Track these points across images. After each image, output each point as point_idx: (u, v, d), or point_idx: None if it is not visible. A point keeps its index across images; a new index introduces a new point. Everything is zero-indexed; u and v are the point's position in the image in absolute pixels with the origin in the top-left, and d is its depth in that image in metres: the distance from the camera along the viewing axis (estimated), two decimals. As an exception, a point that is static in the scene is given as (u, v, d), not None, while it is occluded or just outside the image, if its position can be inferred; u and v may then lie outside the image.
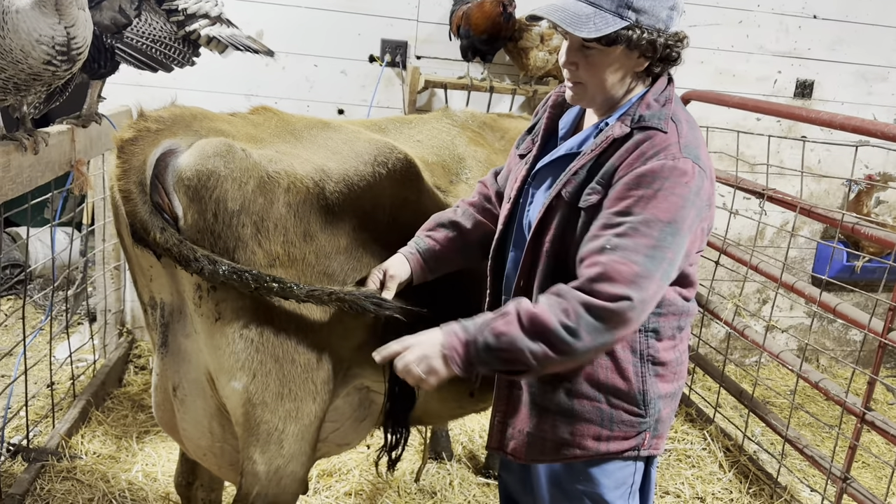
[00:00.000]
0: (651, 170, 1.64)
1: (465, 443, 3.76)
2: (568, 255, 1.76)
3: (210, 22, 2.80)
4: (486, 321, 1.70)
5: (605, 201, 1.68)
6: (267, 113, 2.14)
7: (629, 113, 1.74)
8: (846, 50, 4.88)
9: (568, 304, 1.63)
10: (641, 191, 1.64)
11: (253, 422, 1.90)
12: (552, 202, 1.76)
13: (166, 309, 1.92)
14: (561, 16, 1.66)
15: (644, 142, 1.69)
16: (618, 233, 1.63)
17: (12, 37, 2.19)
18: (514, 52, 4.19)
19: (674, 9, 1.70)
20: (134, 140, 1.74)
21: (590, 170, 1.73)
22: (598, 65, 1.71)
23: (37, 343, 4.16)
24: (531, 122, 2.06)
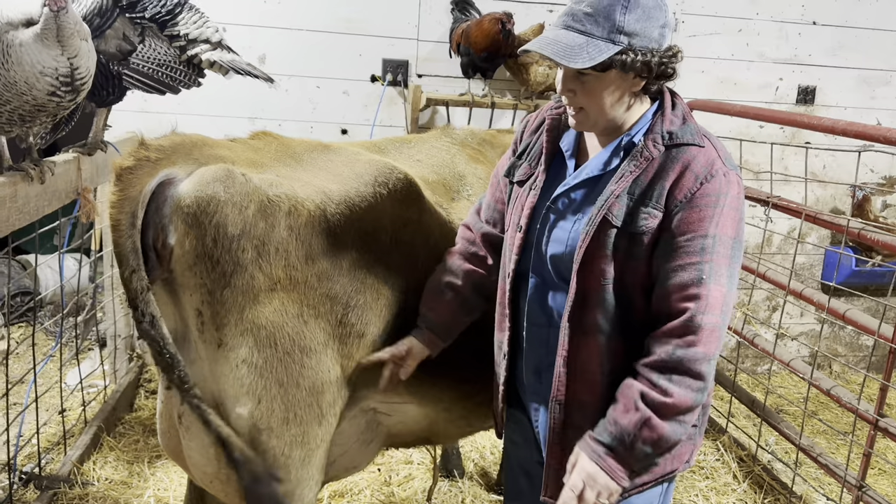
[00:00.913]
0: (712, 188, 1.68)
1: (477, 460, 3.75)
2: (625, 281, 1.74)
3: (211, 47, 2.86)
4: (626, 432, 1.66)
5: (671, 225, 1.69)
6: (267, 137, 2.16)
7: (654, 131, 1.75)
8: (847, 55, 4.88)
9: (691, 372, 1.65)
10: (710, 210, 1.67)
11: (259, 448, 1.90)
12: (598, 229, 1.73)
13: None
14: (554, 49, 1.68)
15: (691, 161, 1.70)
16: (703, 260, 1.66)
17: (16, 69, 2.23)
18: (514, 67, 4.21)
19: (665, 26, 1.71)
20: (133, 169, 1.75)
21: (630, 192, 1.73)
22: (596, 90, 1.73)
23: (48, 370, 4.19)
24: (518, 146, 2.04)
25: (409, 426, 2.34)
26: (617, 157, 1.79)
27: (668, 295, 1.68)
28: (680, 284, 1.66)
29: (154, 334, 1.78)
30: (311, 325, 1.91)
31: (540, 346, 1.93)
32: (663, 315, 1.70)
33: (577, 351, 1.80)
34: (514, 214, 1.96)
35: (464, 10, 4.26)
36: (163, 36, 2.79)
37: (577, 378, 1.82)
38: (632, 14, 1.66)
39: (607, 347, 1.78)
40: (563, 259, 1.81)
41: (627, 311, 1.76)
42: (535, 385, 1.97)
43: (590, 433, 1.72)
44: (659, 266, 1.70)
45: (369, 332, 2.03)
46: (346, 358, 1.99)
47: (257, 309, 1.83)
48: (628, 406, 1.67)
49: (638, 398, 1.66)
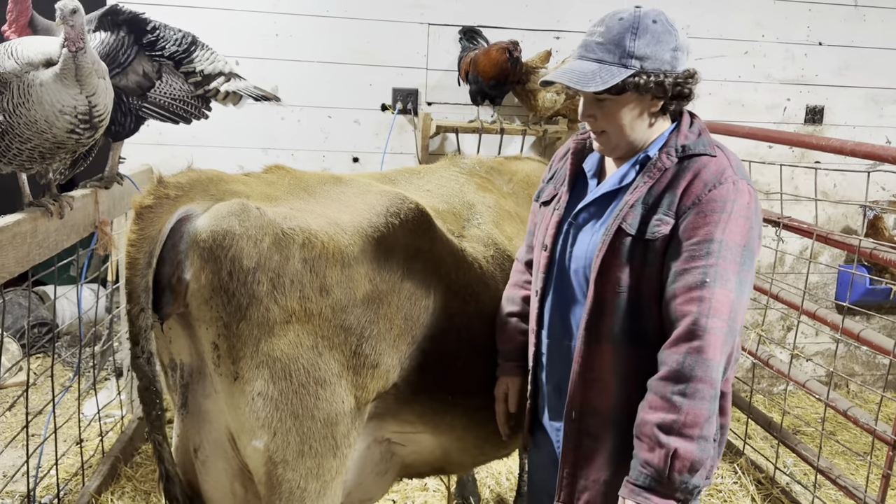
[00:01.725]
0: (720, 194, 1.73)
1: (493, 486, 3.74)
2: (641, 289, 1.79)
3: (225, 79, 2.98)
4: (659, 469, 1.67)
5: (679, 231, 1.75)
6: (280, 171, 2.20)
7: (669, 145, 1.83)
8: (854, 74, 4.89)
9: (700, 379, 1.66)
10: (717, 215, 1.72)
11: (275, 481, 1.91)
12: (614, 237, 1.79)
13: (186, 370, 1.95)
14: (569, 76, 1.79)
15: (701, 169, 1.78)
16: (708, 263, 1.69)
17: (37, 108, 2.29)
18: (522, 94, 4.26)
19: (677, 49, 1.79)
20: (152, 208, 1.79)
21: (644, 202, 1.80)
22: (614, 112, 1.82)
23: (66, 401, 4.23)
24: (548, 173, 2.16)
25: (423, 456, 2.35)
26: (633, 172, 1.87)
27: (674, 298, 1.72)
28: (684, 287, 1.70)
29: (148, 371, 1.86)
30: (326, 356, 1.93)
31: (559, 360, 1.98)
32: (669, 319, 1.74)
33: (592, 359, 1.85)
34: (539, 234, 2.06)
35: (471, 40, 4.33)
36: (178, 73, 2.89)
37: (592, 386, 1.86)
38: (641, 39, 1.76)
39: (621, 356, 1.82)
40: (584, 270, 1.89)
41: (643, 320, 1.80)
42: (555, 401, 2.02)
43: (628, 479, 1.74)
44: (667, 271, 1.75)
45: (383, 363, 2.04)
46: (359, 389, 2.00)
47: (273, 341, 1.85)
48: (651, 444, 1.69)
49: (657, 433, 1.68)
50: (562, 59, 4.35)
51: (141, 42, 2.79)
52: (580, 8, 4.51)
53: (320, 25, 4.29)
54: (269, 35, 4.26)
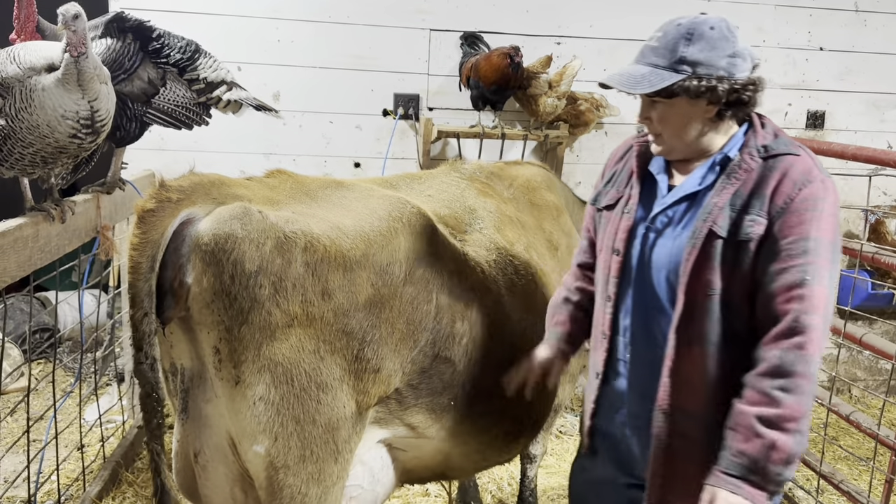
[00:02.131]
0: (811, 193, 1.75)
1: (495, 491, 3.73)
2: (732, 291, 1.80)
3: (227, 87, 3.00)
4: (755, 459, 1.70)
5: (774, 230, 1.75)
6: (282, 175, 2.20)
7: (749, 146, 1.84)
8: (855, 79, 4.90)
9: (801, 375, 1.69)
10: (810, 213, 1.73)
11: (276, 486, 1.90)
12: (705, 240, 1.79)
13: (186, 374, 1.95)
14: (619, 80, 1.84)
15: (788, 168, 1.78)
16: (806, 261, 1.71)
17: (39, 113, 2.29)
18: (523, 99, 4.27)
19: (735, 56, 1.80)
20: (155, 211, 1.80)
21: (731, 203, 1.80)
22: (667, 116, 1.85)
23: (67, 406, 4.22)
24: (605, 176, 2.17)
25: (424, 461, 2.35)
26: (713, 173, 1.88)
27: (773, 297, 1.73)
28: (784, 286, 1.72)
29: (150, 377, 1.86)
30: (328, 360, 1.93)
31: (643, 366, 1.97)
32: (768, 318, 1.75)
33: (683, 362, 1.85)
34: (607, 239, 2.04)
35: (473, 45, 4.33)
36: (182, 80, 2.91)
37: (682, 388, 1.86)
38: (695, 45, 1.78)
39: (713, 358, 1.83)
40: (668, 275, 1.88)
41: (733, 321, 1.81)
42: (637, 406, 2.00)
43: (718, 468, 1.74)
44: (763, 271, 1.76)
45: (385, 368, 2.04)
46: (361, 393, 2.00)
47: (274, 345, 1.85)
48: (748, 434, 1.70)
49: (756, 423, 1.70)
50: (563, 64, 4.35)
51: (146, 49, 2.81)
52: (581, 13, 4.52)
53: (322, 31, 4.30)
54: (271, 41, 4.27)
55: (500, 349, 2.38)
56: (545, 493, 3.73)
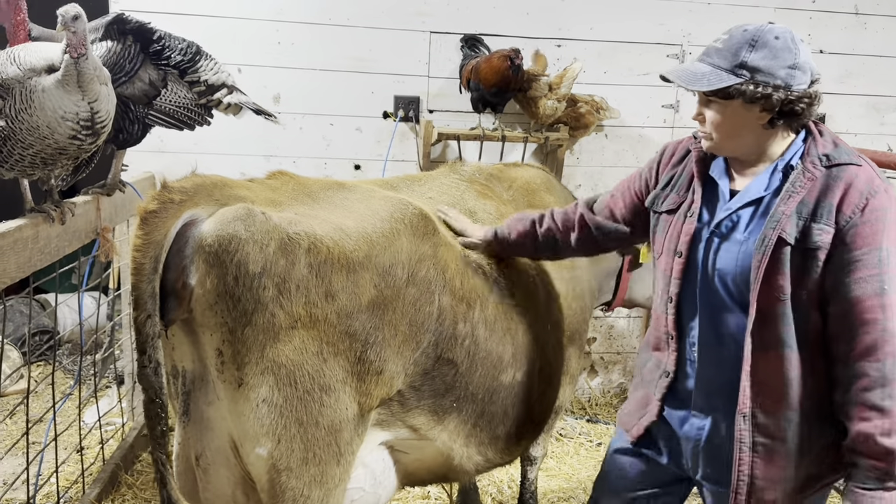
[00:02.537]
0: (879, 203, 1.80)
1: (495, 494, 3.72)
2: (799, 295, 1.86)
3: (228, 91, 3.00)
4: (886, 470, 1.79)
5: (846, 240, 1.81)
6: (283, 177, 2.19)
7: (811, 154, 1.89)
8: (855, 82, 4.90)
9: None
10: (880, 224, 1.80)
11: (278, 489, 1.89)
12: (777, 247, 1.85)
13: (188, 377, 1.94)
14: (680, 75, 1.92)
15: (853, 179, 1.83)
16: (882, 271, 1.78)
17: (39, 114, 2.29)
18: (523, 101, 4.26)
19: (795, 67, 1.85)
20: (157, 212, 1.79)
21: (798, 211, 1.86)
22: (719, 116, 1.91)
23: (66, 408, 4.21)
24: (658, 178, 2.23)
25: (426, 463, 2.34)
26: (776, 180, 1.94)
27: (853, 306, 1.80)
28: (864, 296, 1.79)
29: (154, 381, 1.82)
30: (331, 362, 1.92)
31: (710, 365, 2.03)
32: (850, 326, 1.81)
33: (759, 365, 1.92)
34: (670, 242, 2.09)
35: (473, 48, 4.33)
36: (183, 81, 2.91)
37: (762, 390, 1.93)
38: (758, 53, 1.85)
39: (788, 360, 1.90)
40: (735, 279, 1.94)
41: (803, 324, 1.88)
42: (703, 401, 2.07)
43: (854, 484, 1.83)
44: (838, 281, 1.82)
45: (387, 370, 2.04)
46: (363, 395, 1.99)
47: (278, 347, 1.84)
48: (877, 451, 1.79)
49: (880, 439, 1.78)
50: (563, 67, 4.35)
51: (147, 51, 2.81)
52: (581, 16, 4.52)
53: (322, 33, 4.30)
54: (272, 43, 4.26)
55: (501, 350, 2.38)
56: (545, 496, 3.72)
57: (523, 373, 2.46)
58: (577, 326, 2.90)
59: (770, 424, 1.93)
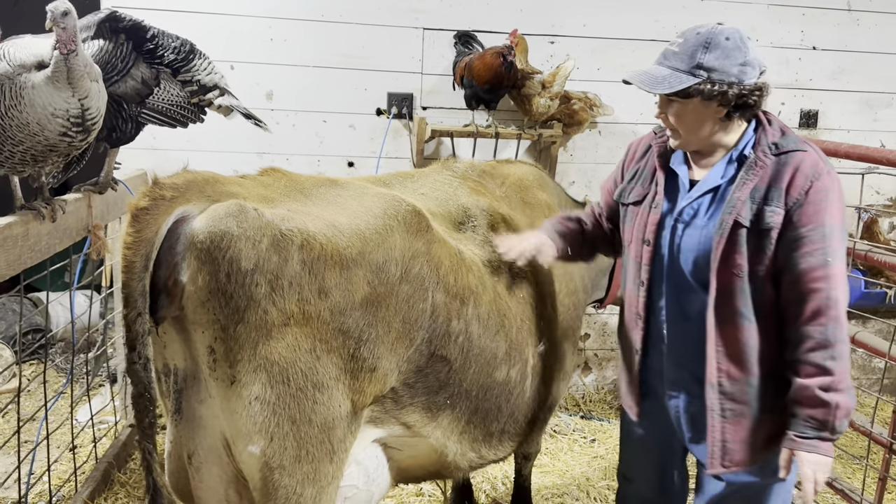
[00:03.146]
0: (822, 185, 2.00)
1: (489, 491, 3.72)
2: (755, 272, 2.06)
3: (220, 93, 3.00)
4: (825, 421, 2.00)
5: (792, 219, 2.01)
6: (276, 174, 2.18)
7: (762, 144, 2.10)
8: (848, 78, 4.91)
9: (841, 342, 2.00)
10: (823, 203, 1.99)
11: (271, 487, 1.88)
12: (731, 229, 2.05)
13: (180, 374, 1.92)
14: (642, 79, 2.08)
15: (800, 164, 2.03)
16: (825, 245, 1.99)
17: (29, 111, 2.27)
18: (517, 98, 4.26)
19: (746, 64, 2.03)
20: (148, 209, 1.77)
21: (752, 196, 2.05)
22: (681, 114, 2.10)
23: (59, 407, 4.19)
24: (626, 172, 2.42)
25: (419, 460, 2.34)
26: (731, 168, 2.13)
27: (801, 277, 2.00)
28: (810, 268, 1.99)
29: (144, 377, 1.83)
30: (324, 359, 1.91)
31: (678, 339, 2.24)
32: (798, 295, 2.02)
33: (722, 337, 2.11)
34: (637, 231, 2.29)
35: (466, 44, 4.32)
36: (176, 80, 2.90)
37: (726, 359, 2.12)
38: (711, 53, 2.02)
39: (748, 330, 2.09)
40: (698, 260, 2.13)
41: (759, 297, 2.07)
42: (675, 374, 2.28)
43: (794, 433, 2.04)
44: (787, 255, 2.02)
45: (381, 367, 2.03)
46: (357, 393, 1.98)
47: (270, 344, 1.83)
48: (815, 402, 2.00)
49: (818, 392, 1.99)
50: (556, 63, 4.35)
51: (140, 49, 2.79)
52: (575, 12, 4.52)
53: (315, 30, 4.28)
54: (264, 39, 4.25)
55: (495, 347, 2.38)
56: (539, 492, 3.72)
57: (517, 370, 2.45)
58: (570, 323, 2.90)
59: (735, 391, 2.13)
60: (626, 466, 2.62)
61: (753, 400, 2.13)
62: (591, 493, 3.74)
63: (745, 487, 2.22)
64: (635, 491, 2.59)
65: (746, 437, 2.15)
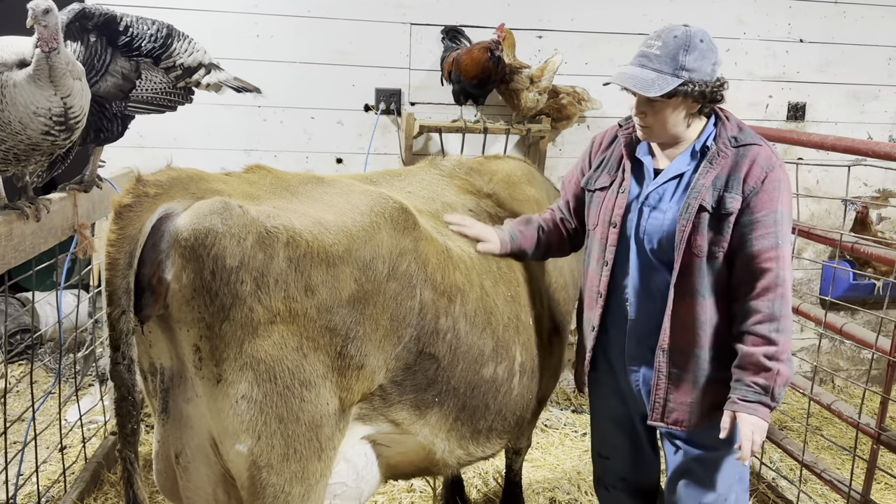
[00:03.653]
0: (776, 176, 2.22)
1: (480, 486, 3.72)
2: (713, 253, 2.25)
3: (206, 70, 2.94)
4: (766, 387, 2.20)
5: (749, 206, 2.21)
6: (261, 171, 2.16)
7: (722, 137, 2.29)
8: (835, 71, 4.93)
9: (786, 317, 2.21)
10: (775, 193, 2.21)
11: (259, 485, 1.88)
12: (697, 213, 2.23)
13: (166, 374, 1.91)
14: (633, 83, 2.21)
15: (756, 156, 2.24)
16: (777, 230, 2.20)
17: (10, 109, 2.25)
18: (505, 93, 4.25)
19: (715, 63, 2.24)
20: (132, 206, 1.75)
21: (714, 184, 2.24)
22: (662, 112, 2.25)
23: (47, 407, 4.17)
24: (593, 161, 2.56)
25: (408, 457, 2.34)
26: (695, 158, 2.32)
27: (754, 257, 2.20)
28: (763, 249, 2.19)
29: (127, 378, 1.80)
30: (311, 357, 1.90)
31: (643, 316, 2.38)
32: (751, 273, 2.21)
33: (678, 310, 2.29)
34: (604, 214, 2.43)
35: (454, 39, 4.31)
36: (158, 69, 2.84)
37: (679, 331, 2.30)
38: (691, 55, 2.18)
39: (701, 306, 2.28)
40: (662, 241, 2.30)
41: (715, 276, 2.26)
42: (635, 348, 2.43)
43: (737, 396, 2.22)
44: (742, 237, 2.22)
45: (368, 364, 2.02)
46: (344, 390, 1.98)
47: (257, 342, 1.82)
48: (758, 370, 2.20)
49: (763, 360, 2.19)
50: (544, 58, 4.35)
51: (116, 44, 2.72)
52: (562, 6, 4.51)
53: (301, 26, 4.26)
54: (250, 36, 4.22)
55: (482, 344, 2.37)
56: (531, 487, 3.73)
57: (504, 367, 2.45)
58: (559, 318, 2.90)
59: (682, 359, 2.32)
60: (599, 443, 2.74)
61: (698, 370, 2.32)
62: (581, 487, 3.74)
63: (704, 458, 2.41)
64: (610, 467, 2.70)
65: (686, 402, 2.34)
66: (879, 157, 2.95)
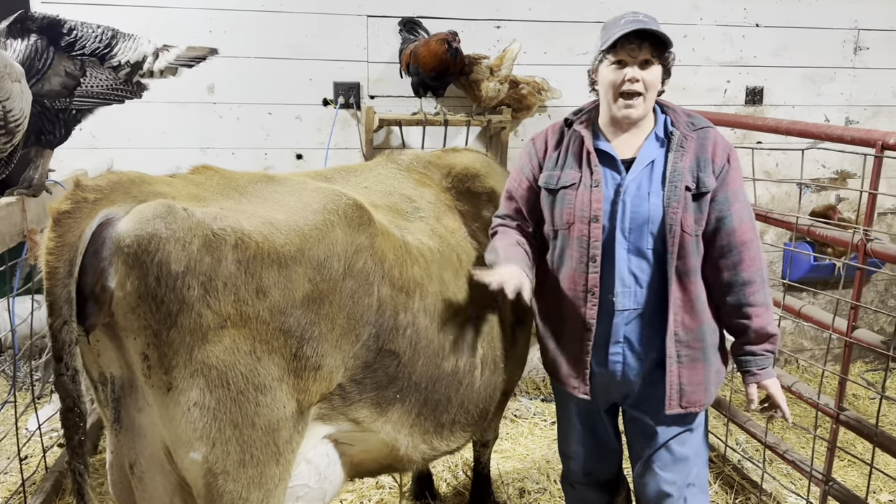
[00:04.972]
0: (735, 155, 2.38)
1: (450, 480, 3.72)
2: (696, 231, 2.31)
3: (154, 57, 2.90)
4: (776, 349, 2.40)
5: (721, 183, 2.32)
6: (208, 171, 2.12)
7: (680, 122, 2.38)
8: (791, 54, 4.98)
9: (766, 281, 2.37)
10: (738, 171, 2.36)
11: (215, 493, 1.84)
12: (683, 195, 2.29)
13: (116, 383, 1.87)
14: (653, 26, 2.26)
15: (716, 137, 2.37)
16: (747, 203, 2.37)
17: (-52, 115, 2.18)
18: (465, 85, 4.23)
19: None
20: (70, 213, 1.70)
21: (690, 167, 2.32)
22: (652, 80, 2.31)
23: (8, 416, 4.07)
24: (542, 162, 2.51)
25: (372, 454, 2.32)
26: (661, 145, 2.38)
27: (736, 230, 2.32)
28: (742, 222, 2.32)
29: (72, 389, 1.75)
30: (265, 361, 1.87)
31: (632, 302, 2.38)
32: (733, 245, 2.32)
33: (679, 293, 2.34)
34: (579, 211, 2.38)
35: (412, 31, 4.27)
36: (104, 67, 2.80)
37: (684, 310, 2.35)
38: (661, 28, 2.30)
39: (697, 284, 2.35)
40: (651, 228, 2.32)
41: (698, 253, 2.34)
42: (621, 337, 2.41)
43: (756, 368, 2.39)
44: (721, 213, 2.32)
45: (326, 364, 2.00)
46: (301, 392, 1.95)
47: (207, 348, 1.79)
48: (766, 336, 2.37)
49: (769, 328, 2.35)
50: (503, 48, 4.32)
51: (58, 44, 2.68)
52: (520, -4, 4.49)
53: (256, 20, 4.19)
54: (203, 32, 4.13)
55: (445, 338, 2.36)
56: (500, 478, 3.73)
57: (465, 359, 2.44)
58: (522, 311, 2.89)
59: (690, 339, 2.37)
60: (565, 444, 2.74)
61: (704, 346, 2.39)
62: (551, 477, 3.76)
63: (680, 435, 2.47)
64: (577, 466, 2.71)
65: (700, 380, 2.40)
66: (832, 139, 2.99)
